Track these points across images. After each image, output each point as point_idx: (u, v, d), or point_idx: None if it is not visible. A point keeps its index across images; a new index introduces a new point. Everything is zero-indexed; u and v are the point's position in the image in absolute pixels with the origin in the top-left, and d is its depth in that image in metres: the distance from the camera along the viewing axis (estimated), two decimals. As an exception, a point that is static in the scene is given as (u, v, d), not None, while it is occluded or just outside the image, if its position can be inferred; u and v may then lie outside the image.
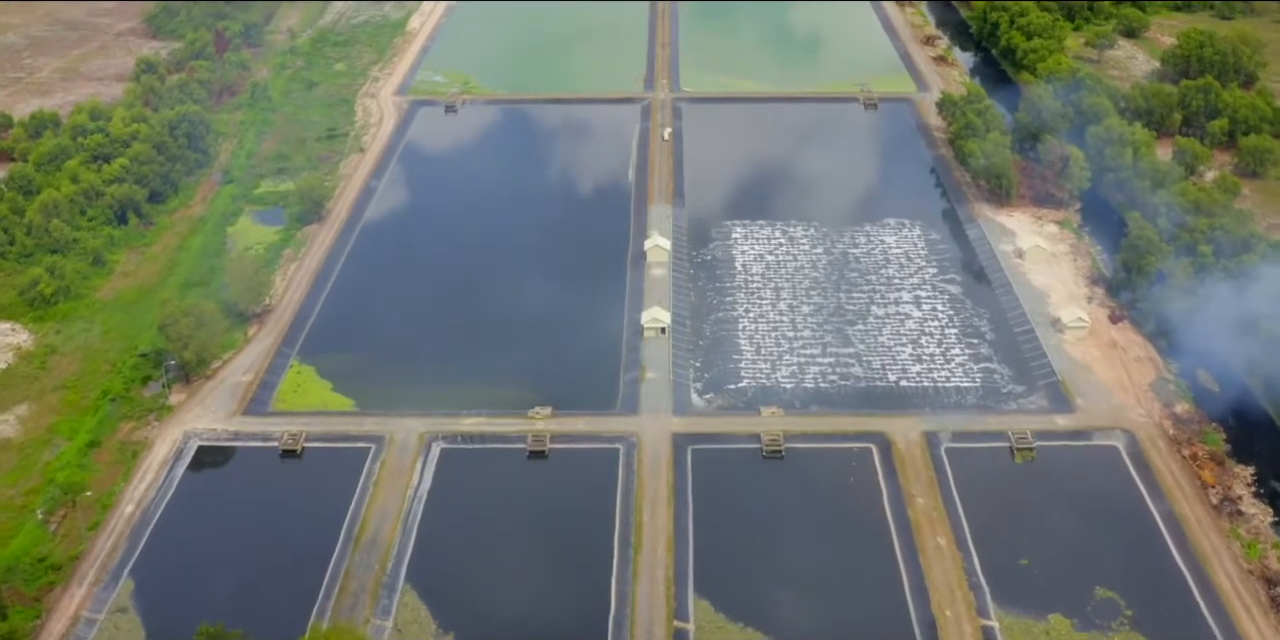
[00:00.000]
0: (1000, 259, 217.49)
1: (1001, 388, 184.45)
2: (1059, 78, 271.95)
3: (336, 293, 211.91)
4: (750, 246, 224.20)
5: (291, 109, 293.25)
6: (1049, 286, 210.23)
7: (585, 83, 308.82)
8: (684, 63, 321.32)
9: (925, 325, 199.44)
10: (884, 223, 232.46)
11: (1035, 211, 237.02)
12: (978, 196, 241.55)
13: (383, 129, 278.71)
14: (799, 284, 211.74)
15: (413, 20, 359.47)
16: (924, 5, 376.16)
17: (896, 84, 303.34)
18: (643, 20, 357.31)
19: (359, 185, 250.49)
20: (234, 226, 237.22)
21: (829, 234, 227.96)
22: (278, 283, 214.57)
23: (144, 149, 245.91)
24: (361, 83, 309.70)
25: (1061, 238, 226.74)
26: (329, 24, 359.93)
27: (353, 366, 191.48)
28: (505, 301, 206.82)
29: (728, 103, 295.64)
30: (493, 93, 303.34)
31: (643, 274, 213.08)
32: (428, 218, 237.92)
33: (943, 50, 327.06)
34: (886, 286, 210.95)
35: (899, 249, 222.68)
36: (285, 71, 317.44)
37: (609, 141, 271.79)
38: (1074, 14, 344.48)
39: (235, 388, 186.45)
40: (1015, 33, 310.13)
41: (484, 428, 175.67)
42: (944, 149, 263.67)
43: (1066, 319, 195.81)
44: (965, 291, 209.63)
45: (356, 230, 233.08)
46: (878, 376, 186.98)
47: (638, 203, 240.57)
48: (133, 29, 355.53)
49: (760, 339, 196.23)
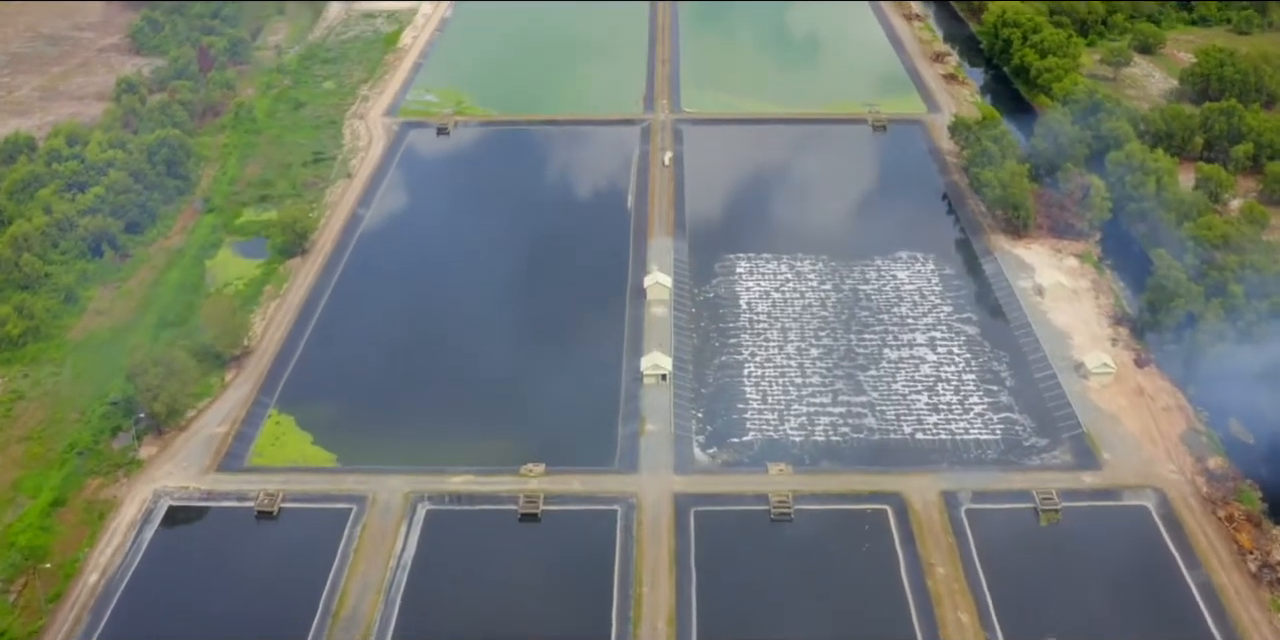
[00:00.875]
0: (1019, 296, 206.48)
1: (1024, 441, 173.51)
2: (1076, 100, 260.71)
3: (319, 334, 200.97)
4: (755, 282, 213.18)
5: (277, 131, 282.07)
6: (1071, 327, 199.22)
7: (583, 102, 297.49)
8: (685, 80, 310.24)
9: (941, 370, 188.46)
10: (895, 256, 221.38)
11: (1054, 243, 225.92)
12: (993, 227, 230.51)
13: (371, 153, 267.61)
14: (807, 324, 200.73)
15: (405, 35, 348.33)
16: (931, 19, 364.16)
17: (905, 104, 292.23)
18: (642, 34, 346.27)
19: (345, 214, 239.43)
20: (213, 259, 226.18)
21: (838, 268, 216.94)
22: (257, 323, 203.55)
23: (121, 177, 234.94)
24: (350, 102, 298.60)
25: (1082, 272, 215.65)
26: (319, 39, 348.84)
27: (334, 416, 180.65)
28: (497, 344, 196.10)
29: (730, 124, 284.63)
30: (486, 113, 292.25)
31: (642, 313, 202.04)
32: (416, 251, 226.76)
33: (953, 68, 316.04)
34: (899, 327, 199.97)
35: (912, 285, 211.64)
36: (271, 91, 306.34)
37: (607, 166, 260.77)
38: (1087, 29, 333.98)
39: (210, 440, 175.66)
40: (1029, 50, 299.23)
41: (472, 487, 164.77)
42: (957, 175, 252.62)
43: (1091, 364, 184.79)
44: (983, 332, 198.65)
45: (341, 264, 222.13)
46: (892, 428, 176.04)
47: (637, 234, 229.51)
48: (115, 44, 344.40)
49: (767, 386, 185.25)
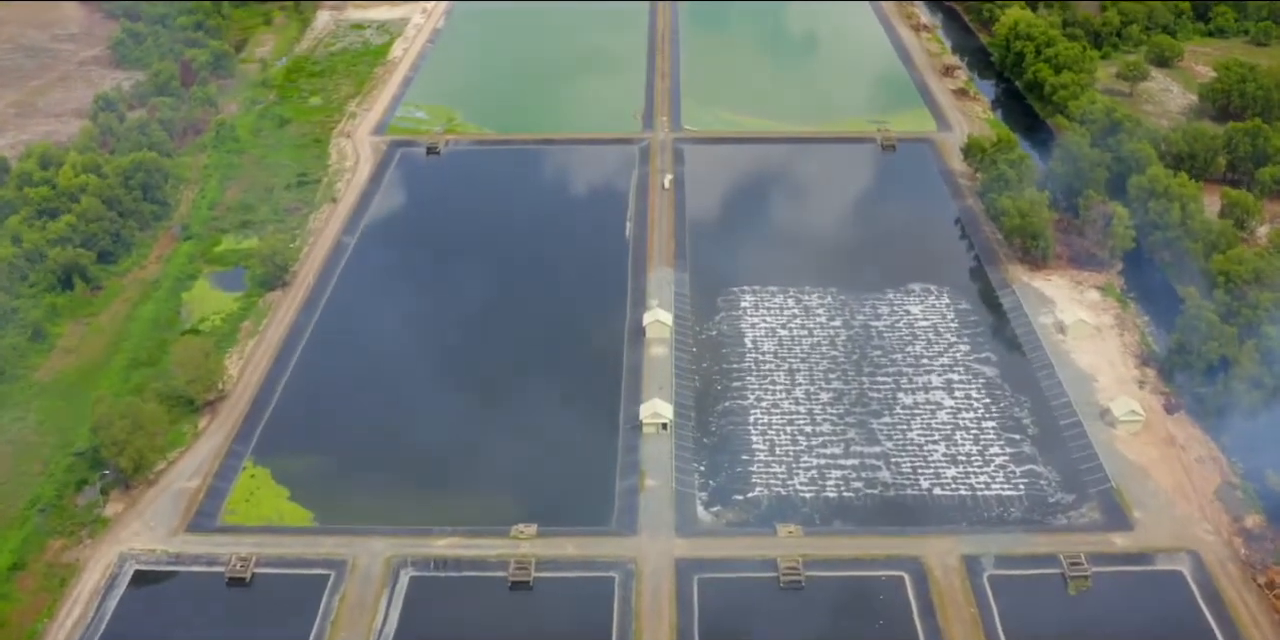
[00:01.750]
0: (1039, 334, 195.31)
1: (1049, 497, 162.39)
2: (1093, 119, 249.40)
3: (298, 377, 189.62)
4: (761, 318, 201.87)
5: (260, 151, 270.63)
6: (1095, 368, 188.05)
7: (579, 118, 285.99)
8: (686, 95, 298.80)
9: (959, 417, 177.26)
10: (908, 288, 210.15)
11: (1074, 274, 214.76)
12: (1010, 256, 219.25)
13: (358, 175, 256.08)
14: (816, 365, 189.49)
15: (395, 47, 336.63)
16: (940, 30, 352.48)
17: (915, 121, 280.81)
18: (641, 44, 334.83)
19: (329, 243, 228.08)
20: (190, 292, 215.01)
21: (848, 302, 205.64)
22: (234, 363, 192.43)
23: (94, 204, 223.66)
24: (337, 119, 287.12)
25: (1105, 307, 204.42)
26: (306, 50, 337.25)
27: (313, 469, 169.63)
28: (488, 388, 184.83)
29: (733, 144, 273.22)
30: (478, 131, 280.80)
31: (641, 354, 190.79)
32: (402, 283, 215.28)
33: (963, 82, 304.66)
34: (914, 368, 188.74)
35: (926, 321, 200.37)
36: (256, 107, 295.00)
37: (604, 190, 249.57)
38: (1101, 41, 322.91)
39: (180, 496, 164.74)
40: (1042, 65, 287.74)
41: (459, 551, 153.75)
42: (971, 199, 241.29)
43: (1118, 411, 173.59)
44: (1002, 374, 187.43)
45: (324, 299, 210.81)
46: (908, 483, 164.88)
47: (636, 265, 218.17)
48: (96, 57, 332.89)
49: (774, 435, 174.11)
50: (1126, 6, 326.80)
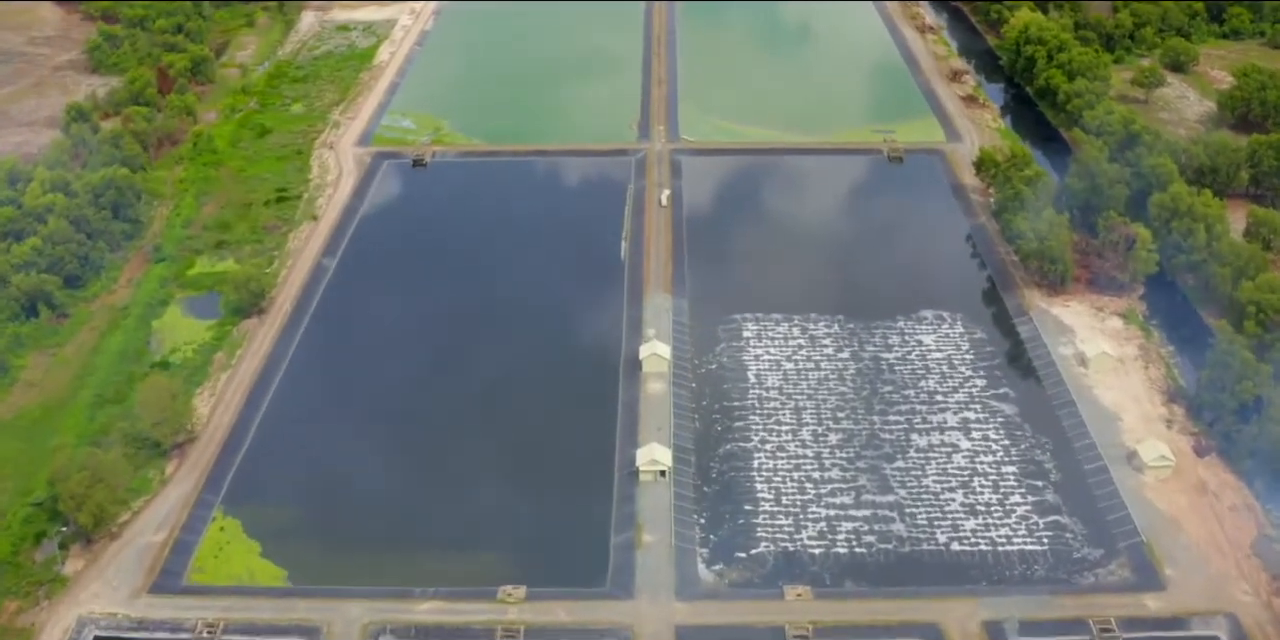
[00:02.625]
0: (1060, 367, 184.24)
1: (1075, 551, 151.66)
2: (1110, 130, 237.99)
3: (273, 416, 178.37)
4: (764, 350, 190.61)
5: (239, 163, 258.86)
6: (1120, 405, 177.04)
7: (572, 127, 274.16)
8: (683, 102, 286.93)
9: (977, 461, 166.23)
10: (920, 316, 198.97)
11: (1094, 300, 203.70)
12: (1026, 280, 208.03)
13: (340, 190, 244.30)
14: (824, 403, 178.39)
15: (382, 51, 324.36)
16: (945, 31, 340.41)
17: (923, 130, 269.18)
18: (636, 49, 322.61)
19: (308, 265, 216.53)
20: (160, 319, 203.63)
21: (856, 331, 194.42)
22: (205, 400, 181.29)
23: (61, 226, 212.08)
24: (320, 129, 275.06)
25: (1128, 336, 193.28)
26: (289, 54, 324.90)
27: (286, 521, 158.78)
28: (475, 430, 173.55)
29: (733, 155, 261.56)
30: (467, 142, 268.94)
31: (638, 390, 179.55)
32: (385, 311, 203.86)
33: (972, 88, 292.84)
34: (928, 405, 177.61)
35: (939, 353, 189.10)
36: (235, 115, 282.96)
37: (598, 207, 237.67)
38: (1114, 44, 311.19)
39: (145, 551, 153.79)
40: (1055, 71, 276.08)
41: (442, 617, 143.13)
42: (984, 217, 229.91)
43: (1147, 456, 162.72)
44: (1022, 412, 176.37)
45: (302, 327, 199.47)
46: (924, 536, 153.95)
47: (632, 290, 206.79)
48: (72, 61, 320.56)
49: (780, 482, 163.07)
50: (1139, 7, 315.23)
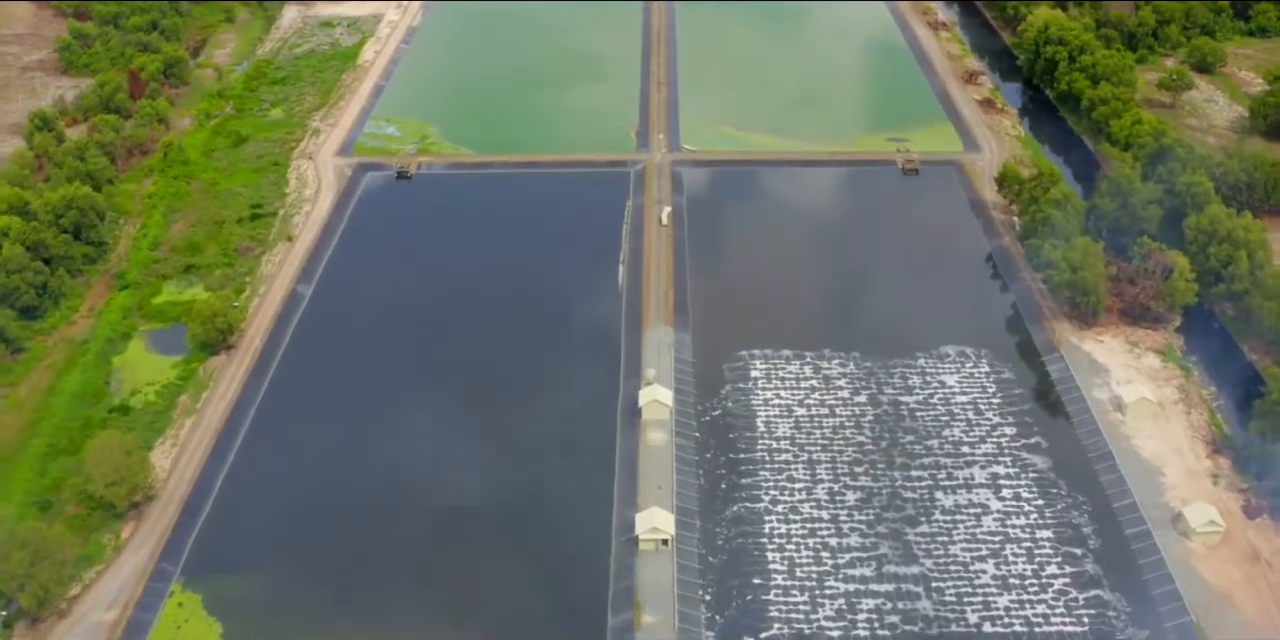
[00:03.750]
0: (1095, 413, 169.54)
1: (1118, 633, 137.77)
2: (1140, 142, 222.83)
3: (240, 470, 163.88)
4: (774, 392, 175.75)
5: (211, 175, 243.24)
6: (1161, 458, 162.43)
7: (567, 135, 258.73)
8: (684, 108, 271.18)
9: (1009, 525, 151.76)
10: (941, 352, 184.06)
11: (1128, 333, 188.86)
12: (1055, 311, 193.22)
13: (318, 207, 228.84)
14: (840, 455, 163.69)
15: (366, 49, 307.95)
16: (958, 27, 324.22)
17: (938, 138, 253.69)
18: (634, 48, 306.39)
19: (282, 294, 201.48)
20: (122, 355, 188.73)
21: (873, 371, 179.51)
22: (167, 450, 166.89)
23: (16, 253, 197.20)
24: (299, 136, 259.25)
25: (1166, 376, 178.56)
26: (270, 53, 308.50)
27: (252, 595, 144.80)
28: (459, 489, 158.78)
29: (737, 167, 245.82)
30: (454, 151, 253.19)
31: (636, 442, 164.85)
32: (361, 347, 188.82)
33: (989, 91, 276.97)
34: (953, 458, 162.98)
35: (964, 396, 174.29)
36: (210, 121, 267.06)
37: (594, 226, 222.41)
38: (1137, 43, 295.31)
39: (95, 632, 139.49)
40: (1078, 75, 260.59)
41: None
42: (1006, 237, 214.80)
43: (1194, 521, 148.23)
44: (1055, 466, 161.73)
45: (273, 367, 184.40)
46: (953, 614, 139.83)
47: (630, 323, 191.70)
48: (42, 61, 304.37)
49: (793, 550, 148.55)
50: (1163, 5, 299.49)
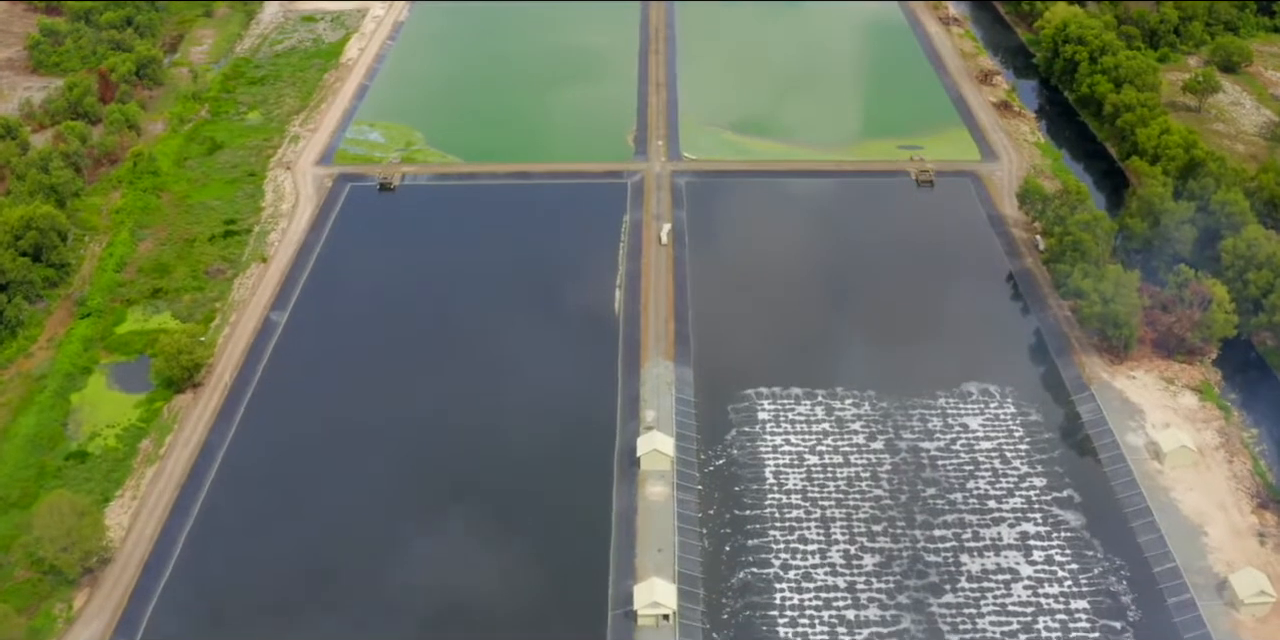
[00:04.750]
0: (1130, 462, 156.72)
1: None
2: (1169, 154, 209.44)
3: (205, 527, 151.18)
4: (784, 438, 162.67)
5: (183, 187, 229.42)
6: (1203, 514, 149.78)
7: (560, 142, 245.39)
8: (684, 111, 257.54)
9: (1041, 593, 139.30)
10: (963, 390, 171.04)
11: (1162, 367, 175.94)
12: (1084, 342, 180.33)
13: (296, 223, 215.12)
14: (856, 512, 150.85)
15: (350, 46, 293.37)
16: (970, 22, 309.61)
17: (954, 145, 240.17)
18: (632, 47, 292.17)
19: (254, 322, 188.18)
20: (82, 392, 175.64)
21: (890, 413, 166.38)
22: (127, 503, 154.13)
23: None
24: (277, 143, 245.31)
25: (1204, 417, 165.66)
26: (249, 50, 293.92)
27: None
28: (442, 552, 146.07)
29: (741, 178, 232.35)
30: (441, 160, 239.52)
31: (634, 496, 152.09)
32: (337, 383, 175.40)
33: (1005, 93, 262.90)
34: (978, 514, 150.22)
35: (988, 442, 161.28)
36: (184, 126, 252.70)
37: (589, 245, 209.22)
38: (1158, 40, 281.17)
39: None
40: (1100, 78, 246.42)
41: None
42: (1029, 258, 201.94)
43: (1242, 591, 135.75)
44: (1089, 523, 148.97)
45: (242, 406, 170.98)
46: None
47: (627, 356, 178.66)
48: (11, 59, 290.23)
49: (806, 624, 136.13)
50: (1185, 2, 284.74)
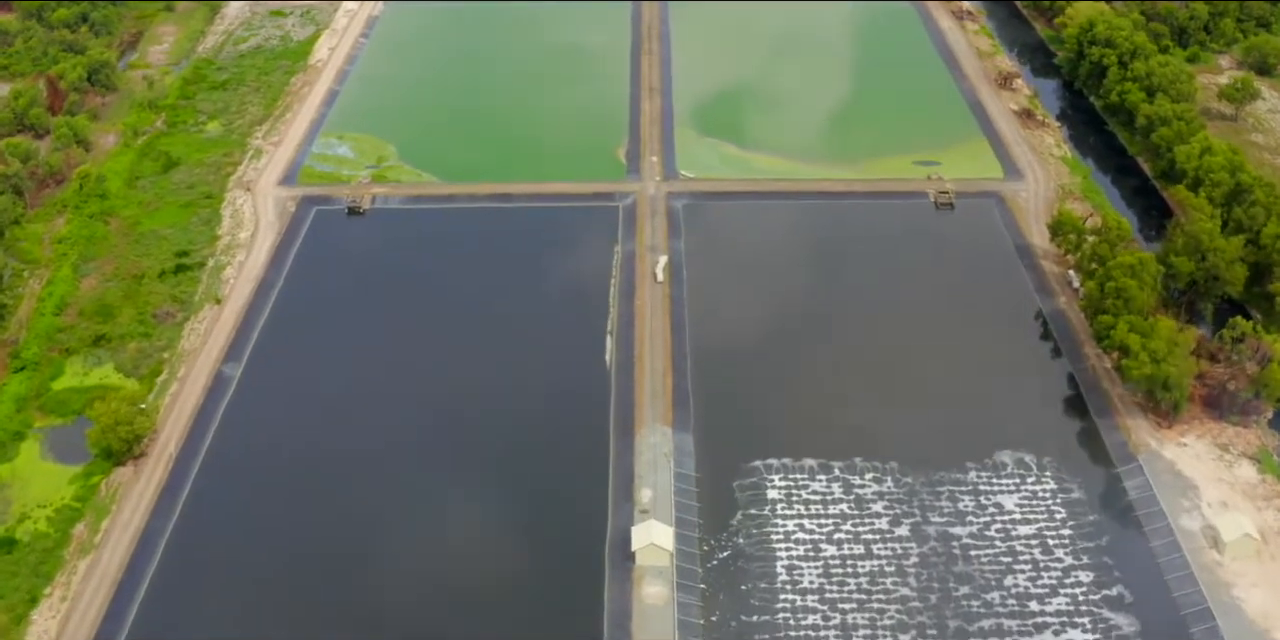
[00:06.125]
0: (1186, 552, 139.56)
1: None
2: (1213, 179, 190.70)
3: (144, 626, 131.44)
4: (797, 522, 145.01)
5: (133, 212, 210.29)
6: (1271, 616, 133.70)
7: (545, 156, 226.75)
8: (680, 120, 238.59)
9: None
10: (996, 462, 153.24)
11: (1215, 431, 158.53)
12: (1125, 399, 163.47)
13: (255, 254, 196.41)
14: (880, 618, 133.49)
15: (320, 45, 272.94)
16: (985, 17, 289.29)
17: (973, 160, 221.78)
18: (623, 47, 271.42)
19: (204, 378, 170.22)
20: (12, 464, 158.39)
21: (915, 490, 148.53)
22: (55, 604, 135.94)
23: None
24: (237, 159, 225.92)
25: (1265, 493, 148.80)
26: (212, 49, 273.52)
27: None
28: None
29: (743, 201, 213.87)
30: (415, 178, 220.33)
31: (629, 599, 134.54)
32: (296, 453, 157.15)
33: (1027, 99, 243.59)
34: (1019, 618, 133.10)
35: (1027, 527, 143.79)
36: (138, 139, 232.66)
37: (577, 282, 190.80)
38: (1187, 39, 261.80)
39: None
40: (1131, 86, 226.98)
41: None
42: (1062, 297, 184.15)
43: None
44: (1144, 629, 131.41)
45: (190, 482, 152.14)
46: None
47: (620, 419, 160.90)
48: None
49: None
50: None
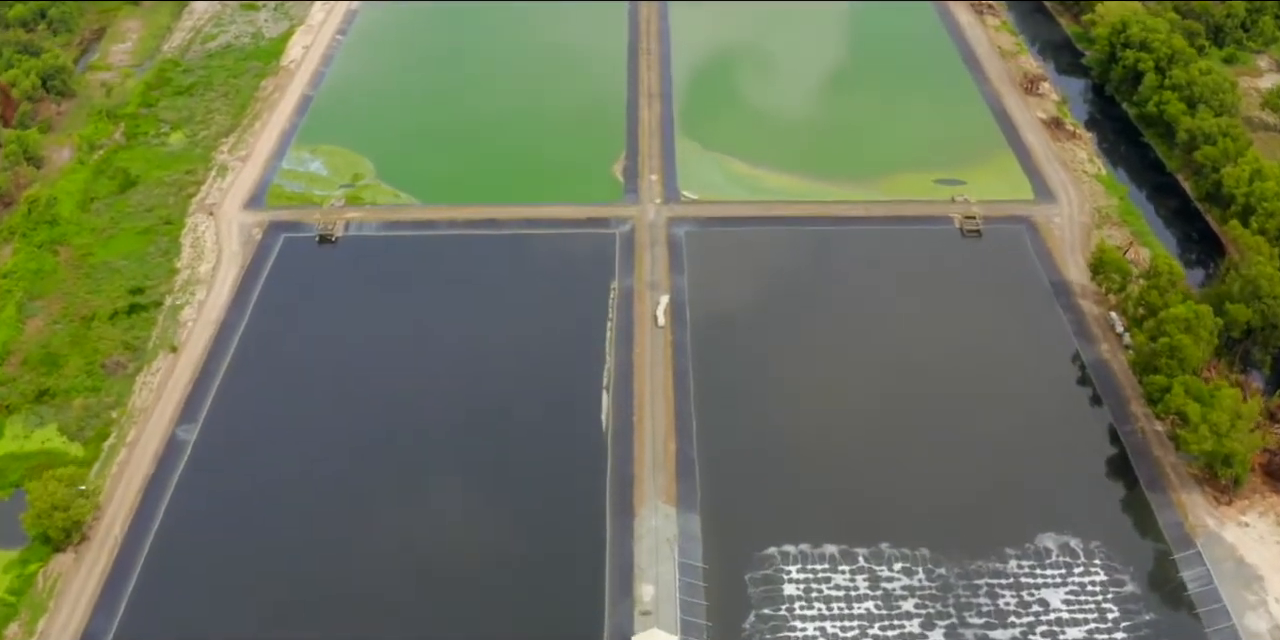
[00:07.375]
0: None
1: None
2: (1268, 209, 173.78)
3: None
4: (818, 625, 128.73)
5: (86, 240, 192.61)
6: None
7: (534, 169, 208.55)
8: (681, 132, 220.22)
9: None
10: (1039, 547, 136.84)
11: (1278, 507, 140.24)
12: (1179, 470, 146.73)
13: (216, 291, 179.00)
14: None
15: (293, 44, 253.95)
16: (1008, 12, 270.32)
17: (1000, 178, 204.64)
18: (619, 47, 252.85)
19: (156, 442, 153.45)
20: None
21: (949, 582, 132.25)
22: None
23: None
24: (201, 177, 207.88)
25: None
26: (178, 48, 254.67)
27: None
28: None
29: (752, 227, 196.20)
30: (393, 198, 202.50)
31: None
32: (255, 536, 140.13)
33: (1056, 106, 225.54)
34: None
35: (1076, 630, 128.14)
36: (95, 154, 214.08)
37: (570, 326, 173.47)
38: (1224, 37, 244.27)
39: None
40: (1170, 95, 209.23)
41: None
42: (1104, 344, 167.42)
43: None
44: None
45: (136, 572, 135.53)
46: None
47: (617, 495, 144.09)
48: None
49: None
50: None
